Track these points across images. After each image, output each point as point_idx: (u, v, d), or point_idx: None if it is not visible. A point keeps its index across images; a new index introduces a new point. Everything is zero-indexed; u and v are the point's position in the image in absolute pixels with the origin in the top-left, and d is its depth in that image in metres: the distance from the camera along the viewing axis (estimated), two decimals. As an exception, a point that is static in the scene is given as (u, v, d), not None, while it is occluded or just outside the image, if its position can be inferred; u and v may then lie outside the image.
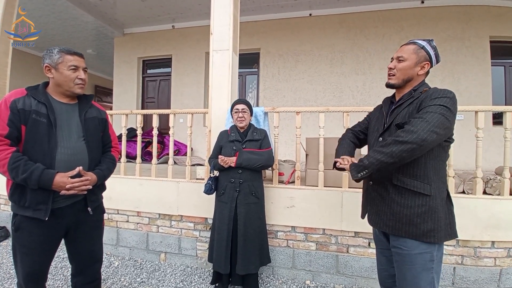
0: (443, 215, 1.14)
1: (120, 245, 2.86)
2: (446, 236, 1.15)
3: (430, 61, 1.24)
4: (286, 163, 2.76)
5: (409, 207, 1.15)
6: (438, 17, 4.70)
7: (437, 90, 1.17)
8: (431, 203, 1.13)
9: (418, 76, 1.26)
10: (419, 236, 1.13)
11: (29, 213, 1.26)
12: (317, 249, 2.40)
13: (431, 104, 1.11)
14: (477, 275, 2.12)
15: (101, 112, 1.55)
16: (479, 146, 2.15)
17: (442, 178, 1.18)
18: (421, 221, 1.13)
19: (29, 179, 1.19)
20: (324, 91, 5.16)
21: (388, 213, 1.22)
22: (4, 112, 1.22)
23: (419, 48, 1.24)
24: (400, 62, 1.26)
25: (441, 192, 1.16)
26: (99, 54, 7.70)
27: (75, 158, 1.34)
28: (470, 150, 2.64)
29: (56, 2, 4.84)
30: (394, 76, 1.28)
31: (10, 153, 1.20)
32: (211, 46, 2.61)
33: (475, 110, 2.17)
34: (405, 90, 1.28)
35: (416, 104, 1.18)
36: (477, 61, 4.57)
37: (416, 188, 1.14)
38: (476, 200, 2.12)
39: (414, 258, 1.15)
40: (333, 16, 5.11)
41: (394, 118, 1.25)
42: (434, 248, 1.14)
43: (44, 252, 1.33)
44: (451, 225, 1.18)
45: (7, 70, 3.35)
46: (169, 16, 5.62)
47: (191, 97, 5.90)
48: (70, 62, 1.32)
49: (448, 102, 1.10)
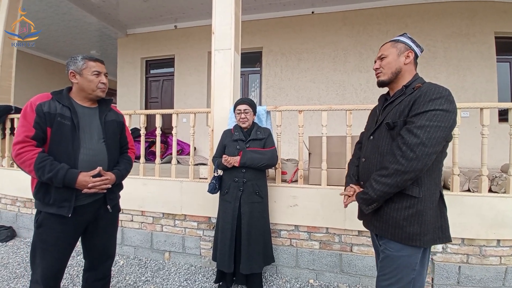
0: (433, 218, 1.10)
1: (125, 244, 2.89)
2: (435, 240, 1.10)
3: (412, 49, 1.24)
4: (289, 162, 2.75)
5: (397, 210, 1.12)
6: (442, 13, 4.65)
7: (430, 88, 1.10)
8: (419, 206, 1.09)
9: (406, 66, 1.23)
10: (404, 239, 1.10)
11: (53, 210, 1.34)
12: (321, 248, 2.39)
13: (426, 110, 1.05)
14: (482, 274, 2.10)
15: (119, 115, 1.65)
16: (485, 143, 2.13)
17: (436, 179, 1.13)
18: (407, 224, 1.09)
19: (54, 178, 1.26)
20: (327, 89, 5.13)
21: (377, 214, 1.21)
22: (30, 115, 1.31)
23: (395, 42, 1.26)
24: (383, 60, 1.27)
25: (432, 194, 1.11)
26: (102, 55, 7.76)
27: (96, 158, 1.43)
28: (475, 147, 2.61)
29: (59, 4, 4.89)
30: (382, 73, 1.28)
31: (36, 154, 1.28)
32: (213, 45, 2.61)
33: (480, 107, 2.14)
34: (398, 85, 1.26)
35: (408, 102, 1.13)
36: (482, 57, 4.51)
37: (404, 190, 1.10)
38: (481, 198, 2.10)
39: (397, 259, 1.13)
40: (336, 14, 5.07)
41: (386, 115, 1.23)
42: (419, 252, 1.11)
43: (63, 248, 1.41)
44: (443, 229, 1.12)
45: (12, 72, 3.41)
46: (172, 16, 5.64)
47: (194, 97, 5.92)
48: (93, 68, 1.42)
49: (444, 103, 1.05)
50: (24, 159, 1.27)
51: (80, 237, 1.52)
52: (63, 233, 1.37)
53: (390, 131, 1.17)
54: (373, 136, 1.28)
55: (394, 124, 1.15)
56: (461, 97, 4.53)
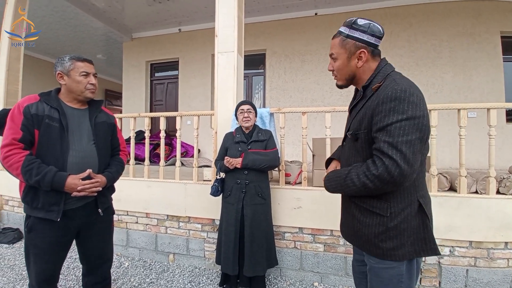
0: (408, 232, 0.98)
1: (130, 246, 2.91)
2: (417, 253, 0.98)
3: (366, 44, 1.02)
4: (293, 164, 2.74)
5: (367, 226, 1.03)
6: (447, 12, 4.60)
7: (386, 92, 0.93)
8: (389, 223, 0.98)
9: (360, 69, 1.05)
10: (379, 255, 1.01)
11: (41, 214, 1.30)
12: (325, 250, 2.37)
13: (388, 123, 0.89)
14: (490, 277, 2.06)
15: (109, 117, 1.60)
16: (492, 144, 2.09)
17: (411, 188, 0.98)
18: (379, 241, 1.00)
19: (42, 181, 1.23)
20: (331, 90, 5.11)
21: (351, 227, 1.12)
22: (17, 117, 1.27)
23: (344, 39, 1.04)
24: (334, 61, 1.09)
25: (405, 208, 0.97)
26: (108, 59, 7.87)
27: (86, 161, 1.39)
28: (483, 148, 2.57)
29: (66, 9, 4.98)
30: (337, 77, 1.13)
31: (23, 156, 1.24)
32: (216, 48, 2.63)
33: (487, 107, 2.11)
34: (359, 85, 1.10)
35: (367, 109, 0.99)
36: (488, 57, 4.45)
37: (372, 208, 1.01)
38: (489, 200, 2.06)
39: (380, 272, 1.03)
40: (339, 15, 5.06)
41: (350, 122, 1.11)
42: (402, 264, 1.00)
43: (56, 253, 1.37)
44: (426, 241, 0.99)
45: (19, 76, 3.48)
46: (176, 19, 5.69)
47: (198, 99, 5.95)
48: (81, 69, 1.38)
49: (407, 109, 0.89)
50: (11, 162, 1.24)
51: (75, 241, 1.48)
52: (54, 238, 1.34)
53: (355, 142, 1.06)
54: (343, 145, 1.19)
55: (357, 135, 1.03)
56: (468, 97, 4.47)
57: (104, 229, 1.56)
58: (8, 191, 3.38)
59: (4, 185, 3.35)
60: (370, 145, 0.98)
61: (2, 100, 3.32)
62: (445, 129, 4.28)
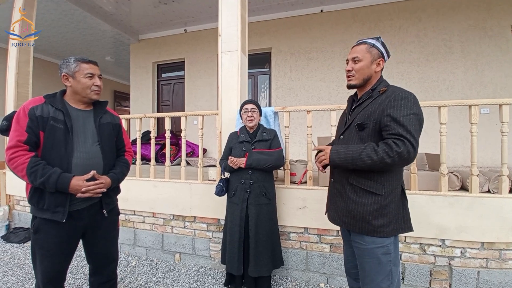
0: (394, 210, 1.22)
1: (137, 245, 2.94)
2: (397, 230, 1.23)
3: (383, 57, 1.30)
4: (298, 163, 2.71)
5: (363, 205, 1.24)
6: (458, 6, 4.45)
7: (396, 94, 1.19)
8: (382, 202, 1.21)
9: (376, 73, 1.31)
10: (370, 232, 1.22)
11: (47, 215, 1.32)
12: (331, 251, 2.34)
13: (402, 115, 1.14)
14: (501, 278, 1.99)
15: (115, 117, 1.61)
16: (505, 141, 2.01)
17: (395, 175, 1.24)
18: (372, 218, 1.21)
19: (47, 183, 1.24)
20: (338, 88, 5.03)
21: (345, 210, 1.31)
22: (22, 119, 1.29)
23: (370, 46, 1.29)
24: (356, 63, 1.30)
25: (393, 190, 1.23)
26: (117, 61, 7.99)
27: (91, 162, 1.40)
28: (497, 145, 2.47)
29: (74, 12, 5.06)
30: (354, 77, 1.32)
31: (28, 158, 1.26)
32: (220, 47, 2.62)
33: (499, 103, 2.03)
34: (365, 88, 1.33)
35: (377, 106, 1.22)
36: (501, 51, 4.28)
37: (369, 188, 1.23)
38: (502, 200, 1.98)
39: (371, 252, 1.23)
40: (346, 11, 4.97)
41: (355, 117, 1.31)
42: (390, 242, 1.22)
43: (62, 254, 1.38)
44: (405, 220, 1.26)
45: (29, 79, 3.55)
46: (181, 20, 5.72)
47: (204, 99, 5.97)
48: (86, 70, 1.39)
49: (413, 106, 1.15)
50: (16, 164, 1.25)
51: (82, 241, 1.50)
52: (60, 239, 1.35)
53: (359, 132, 1.26)
54: (343, 136, 1.37)
55: (364, 125, 1.24)
56: (480, 93, 4.32)
57: (109, 230, 1.57)
58: (19, 191, 3.47)
59: (15, 185, 3.44)
60: (376, 133, 1.21)
61: (12, 103, 3.41)
62: (457, 126, 4.17)
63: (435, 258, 2.12)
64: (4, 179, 3.61)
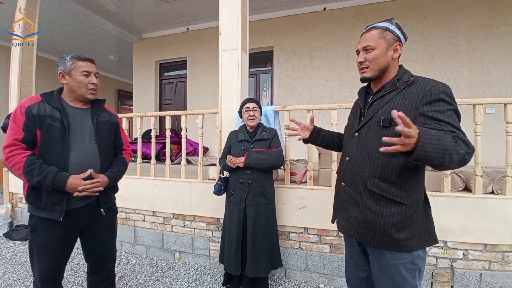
0: (419, 221, 1.04)
1: (138, 244, 2.95)
2: (422, 243, 1.04)
3: (400, 41, 1.10)
4: (299, 163, 2.69)
5: (384, 216, 1.04)
6: (463, 4, 4.37)
7: (432, 86, 1.01)
8: (407, 212, 1.02)
9: (393, 61, 1.11)
10: (391, 246, 1.03)
11: (44, 214, 1.32)
12: (331, 251, 2.31)
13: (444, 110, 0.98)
14: (503, 281, 1.95)
15: (112, 116, 1.59)
16: (509, 142, 1.97)
17: (421, 179, 1.07)
18: (395, 231, 1.02)
19: (43, 181, 1.24)
20: (340, 87, 4.99)
21: (360, 220, 1.10)
22: (19, 117, 1.28)
23: (383, 31, 1.10)
24: (369, 52, 1.11)
25: (418, 198, 1.05)
26: (120, 60, 8.02)
27: (88, 160, 1.39)
28: (502, 146, 2.42)
29: (77, 11, 5.09)
30: (368, 68, 1.12)
31: (25, 157, 1.25)
32: (220, 46, 2.62)
33: (504, 102, 1.99)
34: (382, 80, 1.14)
35: (407, 100, 1.02)
36: (507, 49, 4.19)
37: (393, 196, 1.03)
38: (506, 201, 1.94)
39: (394, 269, 1.05)
40: (349, 9, 4.92)
41: (376, 111, 1.09)
42: (417, 256, 1.04)
43: (59, 252, 1.38)
44: (429, 231, 1.07)
45: (32, 77, 3.58)
46: (184, 18, 5.71)
47: (206, 98, 5.97)
48: (82, 68, 1.37)
49: (451, 101, 1.00)
50: (13, 162, 1.25)
51: (80, 240, 1.50)
52: (57, 237, 1.35)
53: (383, 128, 1.04)
54: (359, 133, 1.16)
55: (392, 121, 0.99)
56: (486, 92, 4.24)
57: (107, 229, 1.56)
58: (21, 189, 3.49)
59: (17, 183, 3.47)
60: None
61: (15, 102, 3.43)
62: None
63: (437, 260, 2.09)
64: (8, 176, 3.65)
